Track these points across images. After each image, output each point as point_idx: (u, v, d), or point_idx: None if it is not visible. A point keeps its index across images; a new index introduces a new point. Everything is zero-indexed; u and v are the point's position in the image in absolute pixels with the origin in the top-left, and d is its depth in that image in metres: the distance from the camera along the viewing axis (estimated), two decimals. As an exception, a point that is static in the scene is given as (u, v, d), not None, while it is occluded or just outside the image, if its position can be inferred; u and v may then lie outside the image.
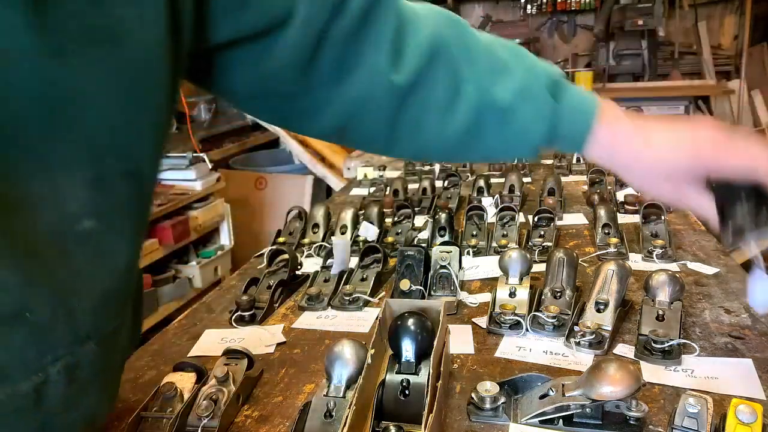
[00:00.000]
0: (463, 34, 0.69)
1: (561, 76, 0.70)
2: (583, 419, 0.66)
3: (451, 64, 0.67)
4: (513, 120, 0.68)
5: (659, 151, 0.67)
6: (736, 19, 4.91)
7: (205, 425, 0.67)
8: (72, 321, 0.50)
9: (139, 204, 0.55)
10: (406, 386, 0.66)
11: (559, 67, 4.54)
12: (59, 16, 0.43)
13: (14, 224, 0.44)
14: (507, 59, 0.69)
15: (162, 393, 0.72)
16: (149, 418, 0.70)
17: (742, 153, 0.64)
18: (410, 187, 1.74)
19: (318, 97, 0.68)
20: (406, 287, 1.00)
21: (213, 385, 0.72)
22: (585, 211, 1.49)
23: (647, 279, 0.90)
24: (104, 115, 0.48)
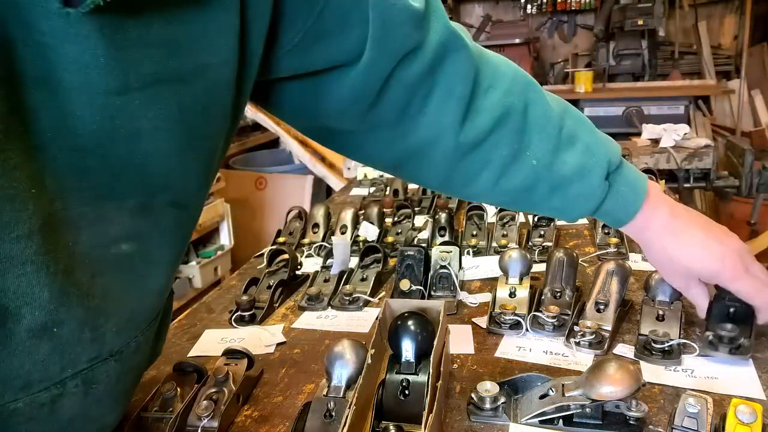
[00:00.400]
0: (536, 100, 0.70)
1: (618, 155, 0.73)
2: (583, 419, 0.66)
3: (519, 129, 0.68)
4: (565, 193, 0.71)
5: (686, 255, 0.76)
6: (736, 19, 4.91)
7: (205, 425, 0.67)
8: (97, 339, 0.51)
9: (179, 232, 0.56)
10: (406, 386, 0.66)
11: (559, 67, 4.51)
12: (134, 57, 0.42)
13: (56, 243, 0.45)
14: (573, 132, 0.71)
15: (162, 393, 0.72)
16: (149, 418, 0.70)
17: (756, 284, 0.74)
18: (410, 187, 1.74)
19: (378, 136, 0.69)
20: (406, 287, 1.00)
21: (213, 385, 0.72)
22: (585, 211, 1.49)
23: (647, 279, 0.90)
24: (159, 152, 0.48)
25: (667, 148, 2.26)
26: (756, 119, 4.74)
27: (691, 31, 4.95)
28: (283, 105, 0.66)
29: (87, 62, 0.40)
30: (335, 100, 0.64)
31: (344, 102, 0.64)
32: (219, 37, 0.48)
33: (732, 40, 4.95)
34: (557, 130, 0.70)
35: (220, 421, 0.68)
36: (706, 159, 2.26)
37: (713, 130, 4.49)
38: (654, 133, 2.37)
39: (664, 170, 2.26)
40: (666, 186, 1.62)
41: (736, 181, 2.58)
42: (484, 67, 0.68)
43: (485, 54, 0.70)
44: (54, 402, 0.50)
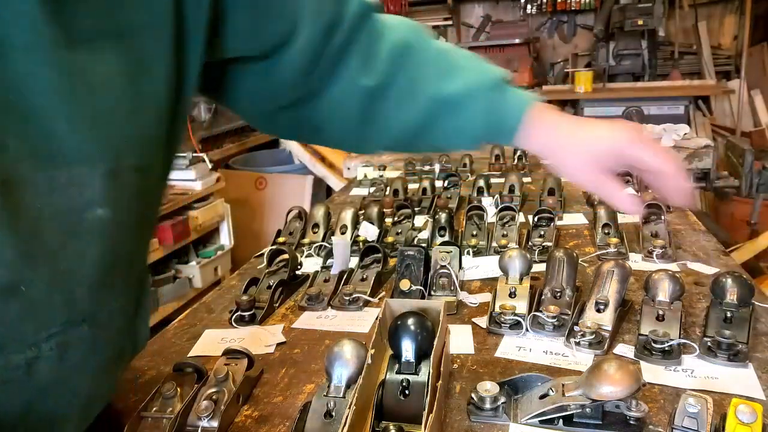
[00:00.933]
0: (422, 40, 0.79)
1: (504, 79, 0.77)
2: (583, 419, 0.66)
3: (411, 66, 0.77)
4: (459, 113, 0.76)
5: (583, 139, 0.76)
6: (736, 19, 4.91)
7: (205, 426, 0.67)
8: (69, 302, 0.54)
9: (148, 199, 0.60)
10: (406, 386, 0.66)
11: (559, 67, 4.51)
12: (75, 10, 0.48)
13: (20, 204, 0.47)
14: (459, 62, 0.78)
15: (162, 393, 0.72)
16: (149, 418, 0.69)
17: (648, 146, 0.73)
18: (410, 187, 1.74)
19: (308, 106, 0.78)
20: (406, 287, 1.00)
21: (213, 385, 0.72)
22: (585, 211, 1.49)
23: (647, 279, 0.90)
24: (115, 109, 0.52)
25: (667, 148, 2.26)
26: (756, 119, 4.74)
27: (691, 31, 4.95)
28: (237, 91, 0.75)
29: (31, 16, 0.45)
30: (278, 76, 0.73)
31: (287, 75, 0.73)
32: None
33: (732, 40, 4.95)
34: (445, 61, 0.78)
35: (220, 421, 0.68)
36: (706, 159, 2.26)
37: (713, 130, 4.50)
38: (654, 133, 2.37)
39: (664, 170, 2.26)
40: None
41: (736, 181, 2.59)
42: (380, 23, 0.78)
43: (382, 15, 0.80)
44: (29, 366, 0.52)
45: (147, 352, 0.91)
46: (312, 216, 1.42)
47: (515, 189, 1.59)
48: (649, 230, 1.23)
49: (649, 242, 1.18)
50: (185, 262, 2.99)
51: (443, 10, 5.37)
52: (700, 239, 1.26)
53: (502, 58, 5.01)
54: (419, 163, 2.02)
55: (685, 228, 1.34)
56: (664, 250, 1.15)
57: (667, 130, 2.36)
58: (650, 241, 1.18)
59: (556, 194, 1.51)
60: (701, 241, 1.25)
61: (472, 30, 5.51)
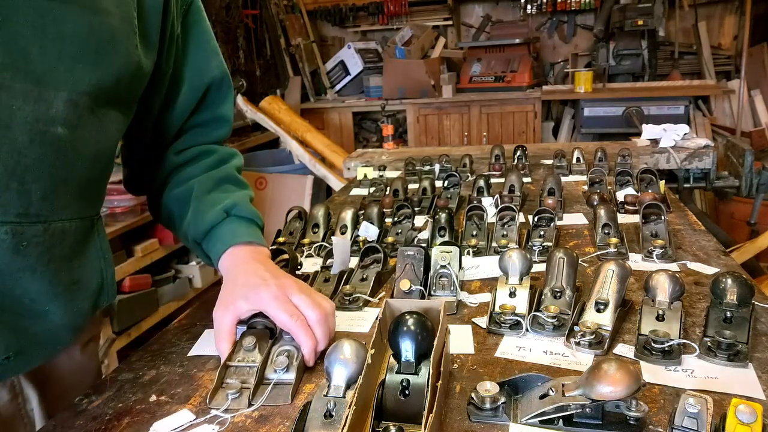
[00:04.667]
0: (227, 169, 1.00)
1: (243, 211, 0.94)
2: (583, 419, 0.66)
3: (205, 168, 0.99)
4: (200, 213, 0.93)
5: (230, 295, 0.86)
6: (736, 19, 4.91)
7: (281, 378, 0.77)
8: (24, 194, 0.68)
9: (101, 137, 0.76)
10: (406, 386, 0.66)
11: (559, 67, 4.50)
12: None
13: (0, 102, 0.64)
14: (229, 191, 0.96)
15: (243, 345, 0.80)
16: (234, 366, 0.78)
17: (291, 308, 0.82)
18: (410, 187, 1.74)
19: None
20: (406, 287, 1.00)
21: (286, 343, 0.81)
22: (585, 211, 1.49)
23: (647, 279, 0.90)
24: (78, 56, 0.69)
25: (667, 148, 2.26)
26: (756, 119, 4.74)
27: (691, 31, 4.95)
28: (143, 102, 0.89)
29: None
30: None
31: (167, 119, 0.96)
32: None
33: (732, 40, 4.95)
34: (220, 183, 0.97)
35: (295, 373, 0.77)
36: (706, 159, 2.26)
37: (713, 130, 4.50)
38: (654, 133, 2.37)
39: (664, 170, 2.25)
40: (666, 186, 1.62)
41: (736, 181, 2.58)
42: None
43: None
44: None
45: (147, 352, 0.91)
46: (312, 216, 1.42)
47: (515, 189, 1.59)
48: (649, 230, 1.23)
49: (649, 242, 1.18)
50: (185, 262, 3.00)
51: (443, 10, 5.38)
52: (700, 239, 1.26)
53: (502, 58, 5.02)
54: (419, 163, 2.03)
55: (685, 228, 1.34)
56: (664, 250, 1.15)
57: (667, 130, 2.36)
58: (650, 241, 1.18)
59: (556, 194, 1.51)
60: (701, 241, 1.25)
61: (472, 30, 5.52)
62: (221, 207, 0.92)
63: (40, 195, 0.70)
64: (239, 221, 0.93)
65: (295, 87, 5.09)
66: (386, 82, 4.95)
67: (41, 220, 0.71)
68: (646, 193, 1.47)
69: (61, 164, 0.71)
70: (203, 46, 0.94)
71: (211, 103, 0.98)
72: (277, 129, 4.06)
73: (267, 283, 0.83)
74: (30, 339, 0.76)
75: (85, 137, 0.73)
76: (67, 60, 0.68)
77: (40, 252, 0.72)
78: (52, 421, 0.76)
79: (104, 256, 0.85)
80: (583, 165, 1.92)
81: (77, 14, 0.69)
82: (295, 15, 5.39)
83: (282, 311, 0.81)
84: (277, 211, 3.72)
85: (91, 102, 0.72)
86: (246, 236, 0.92)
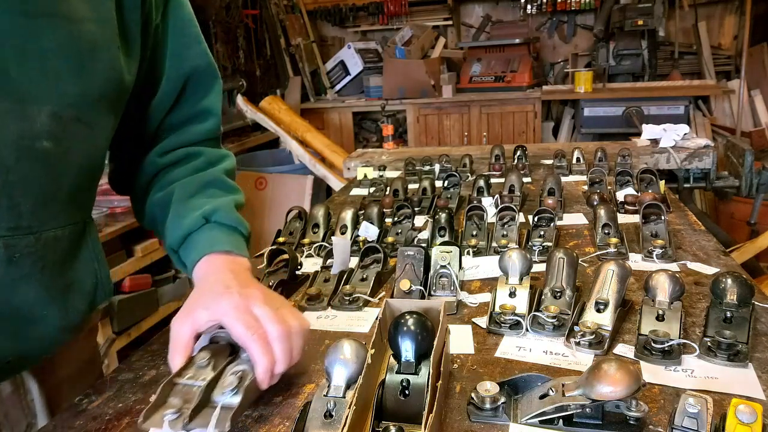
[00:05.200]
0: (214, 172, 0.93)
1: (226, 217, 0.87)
2: (583, 419, 0.66)
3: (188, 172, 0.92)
4: (180, 220, 0.86)
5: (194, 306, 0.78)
6: (736, 19, 4.91)
7: (227, 401, 0.68)
8: (14, 208, 0.68)
9: (87, 145, 0.75)
10: (406, 386, 0.66)
11: (559, 67, 4.49)
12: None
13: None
14: (213, 196, 0.89)
15: (195, 362, 0.72)
16: (181, 384, 0.70)
17: (250, 321, 0.74)
18: (410, 187, 1.74)
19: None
20: (406, 287, 1.00)
21: (241, 362, 0.73)
22: (585, 211, 1.49)
23: (647, 279, 0.90)
24: (60, 70, 0.68)
25: (667, 148, 2.26)
26: (756, 119, 4.74)
27: (691, 31, 4.95)
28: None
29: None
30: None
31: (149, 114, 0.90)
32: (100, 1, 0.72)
33: (732, 40, 4.95)
34: (205, 187, 0.90)
35: (242, 398, 0.68)
36: (706, 159, 2.26)
37: (713, 130, 4.50)
38: (654, 133, 2.37)
39: (664, 170, 2.25)
40: (666, 186, 1.62)
41: (736, 181, 2.58)
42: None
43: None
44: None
45: (147, 352, 0.91)
46: (312, 216, 1.42)
47: (515, 189, 1.59)
48: (649, 230, 1.23)
49: (649, 242, 1.18)
50: (185, 262, 2.98)
51: (443, 10, 5.37)
52: (700, 239, 1.26)
53: (502, 58, 5.02)
54: (419, 163, 2.03)
55: (685, 228, 1.34)
56: (664, 250, 1.15)
57: (667, 130, 2.35)
58: (650, 241, 1.18)
59: (556, 194, 1.51)
60: (701, 241, 1.25)
61: (472, 30, 5.52)
62: (201, 213, 0.85)
63: (30, 208, 0.70)
64: (219, 228, 0.85)
65: (295, 87, 5.09)
66: (386, 82, 4.95)
67: (32, 232, 0.71)
68: (646, 193, 1.47)
69: (49, 177, 0.71)
70: (182, 33, 0.88)
71: (193, 94, 0.91)
72: (277, 129, 4.06)
73: (230, 291, 0.76)
74: (29, 342, 0.76)
75: (71, 148, 0.73)
76: (49, 75, 0.67)
77: (34, 261, 0.72)
78: (52, 421, 0.76)
79: (97, 257, 0.85)
80: (583, 165, 1.92)
81: (56, 27, 0.67)
82: (295, 15, 5.39)
83: (239, 322, 0.72)
84: (277, 211, 3.72)
85: (76, 112, 0.71)
86: (224, 245, 0.84)
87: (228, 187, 0.93)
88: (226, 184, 0.93)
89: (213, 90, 0.93)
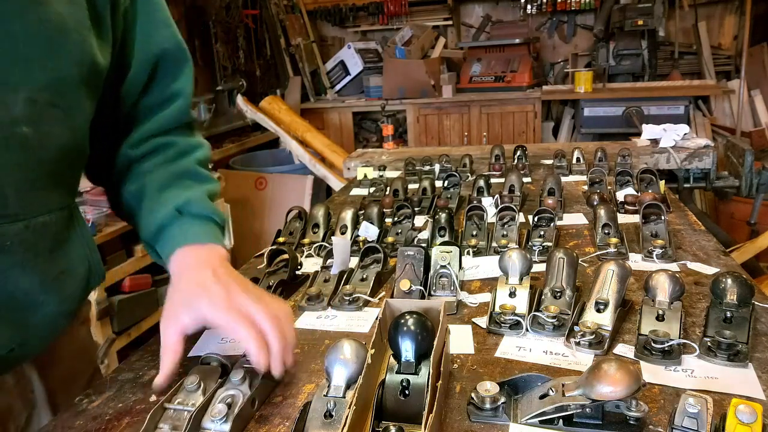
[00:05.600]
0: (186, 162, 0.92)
1: (199, 208, 0.87)
2: (583, 419, 0.66)
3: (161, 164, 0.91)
4: (154, 207, 0.87)
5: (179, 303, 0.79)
6: (736, 19, 4.91)
7: (217, 429, 0.67)
8: (2, 198, 0.68)
9: (63, 131, 0.74)
10: (406, 386, 0.66)
11: (559, 67, 4.49)
12: None
13: None
14: (186, 187, 0.89)
15: (185, 386, 0.72)
16: (171, 409, 0.70)
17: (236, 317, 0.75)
18: (410, 187, 1.74)
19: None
20: (406, 287, 1.00)
21: (230, 387, 0.72)
22: (585, 211, 1.49)
23: (647, 279, 0.90)
24: (32, 53, 0.68)
25: (667, 148, 2.26)
26: (756, 119, 4.74)
27: (691, 31, 4.95)
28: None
29: None
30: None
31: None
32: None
33: (732, 40, 4.95)
34: (177, 178, 0.89)
35: (231, 426, 0.68)
36: (706, 159, 2.26)
37: (713, 130, 4.50)
38: (654, 133, 2.37)
39: (664, 170, 2.25)
40: (666, 186, 1.62)
41: (736, 181, 2.58)
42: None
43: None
44: None
45: (147, 352, 0.91)
46: (312, 216, 1.42)
47: (515, 189, 1.59)
48: (649, 230, 1.23)
49: (649, 242, 1.18)
50: (185, 262, 2.98)
51: (443, 10, 5.37)
52: (700, 239, 1.26)
53: (502, 58, 5.02)
54: (419, 163, 2.03)
55: (685, 228, 1.34)
56: (664, 250, 1.15)
57: (667, 130, 2.36)
58: (650, 241, 1.18)
59: (556, 194, 1.51)
60: (701, 241, 1.25)
61: (472, 30, 5.52)
62: (174, 205, 0.85)
63: (16, 195, 0.70)
64: (193, 220, 0.85)
65: (295, 87, 5.09)
66: (386, 82, 4.95)
67: (20, 219, 0.71)
68: (646, 193, 1.47)
69: (32, 162, 0.71)
70: (151, 16, 0.86)
71: (163, 78, 0.89)
72: (277, 129, 4.06)
73: (207, 289, 0.77)
74: (30, 330, 0.77)
75: (51, 132, 0.72)
76: (20, 59, 0.67)
77: (26, 248, 0.72)
78: (52, 421, 0.76)
79: (88, 243, 0.85)
80: (583, 165, 1.92)
81: (23, 9, 0.66)
82: (295, 15, 5.39)
83: (221, 312, 0.74)
84: (277, 211, 3.72)
85: (50, 97, 0.71)
86: (198, 236, 0.84)
87: (201, 178, 0.92)
88: (199, 175, 0.92)
89: (183, 73, 0.91)
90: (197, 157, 0.94)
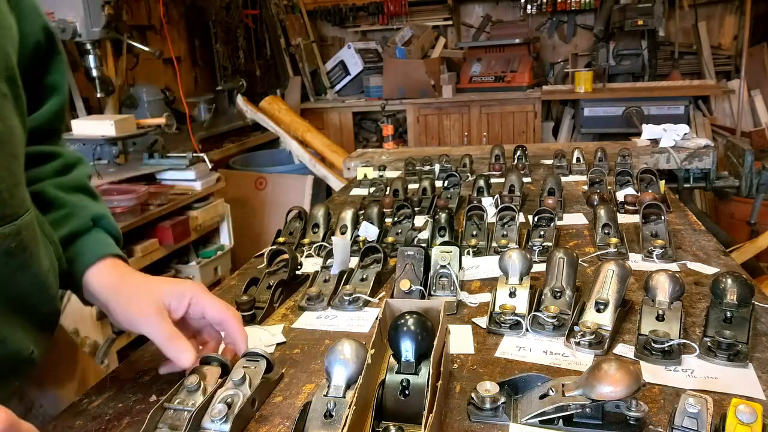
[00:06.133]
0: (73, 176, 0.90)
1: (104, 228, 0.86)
2: (583, 419, 0.66)
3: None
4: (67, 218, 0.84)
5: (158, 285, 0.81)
6: (736, 19, 4.91)
7: (216, 429, 0.67)
8: (1, 199, 0.67)
9: (20, 126, 0.73)
10: (406, 386, 0.66)
11: (559, 67, 4.50)
12: None
13: None
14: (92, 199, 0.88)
15: (185, 386, 0.72)
16: (172, 409, 0.70)
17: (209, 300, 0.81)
18: (410, 187, 1.74)
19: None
20: (406, 287, 1.00)
21: (230, 387, 0.72)
22: (585, 211, 1.49)
23: (647, 279, 0.90)
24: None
25: (667, 148, 2.26)
26: (756, 119, 4.74)
27: (691, 31, 4.95)
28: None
29: None
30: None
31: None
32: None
33: (732, 40, 4.95)
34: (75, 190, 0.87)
35: (231, 426, 0.68)
36: (706, 159, 2.26)
37: (713, 130, 4.50)
38: (654, 133, 2.37)
39: (664, 170, 2.25)
40: (666, 186, 1.62)
41: (736, 181, 2.58)
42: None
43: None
44: None
45: (147, 352, 0.91)
46: (312, 216, 1.42)
47: (515, 189, 1.59)
48: (649, 230, 1.23)
49: (649, 242, 1.18)
50: (185, 262, 2.99)
51: (443, 10, 5.37)
52: (700, 239, 1.26)
53: (502, 58, 5.02)
54: (419, 163, 2.03)
55: (685, 228, 1.34)
56: (664, 250, 1.15)
57: (667, 130, 2.35)
58: (650, 241, 1.18)
59: (556, 194, 1.51)
60: (701, 241, 1.25)
61: (472, 30, 5.52)
62: (88, 214, 0.84)
63: (7, 195, 0.70)
64: (106, 234, 0.85)
65: (295, 87, 5.09)
66: (386, 82, 4.95)
67: (14, 219, 0.71)
68: (646, 193, 1.47)
69: (9, 158, 0.71)
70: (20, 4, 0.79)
71: (34, 73, 0.83)
72: (277, 129, 4.06)
73: (178, 280, 0.80)
74: (38, 329, 0.77)
75: (14, 126, 0.72)
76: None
77: (23, 249, 0.72)
78: (52, 421, 0.76)
79: (52, 238, 0.82)
80: (583, 165, 1.92)
81: None
82: (295, 15, 5.39)
83: (214, 300, 0.79)
84: (277, 211, 3.72)
85: (8, 87, 0.70)
86: (117, 250, 0.85)
87: (95, 195, 0.91)
88: (91, 191, 0.90)
89: (55, 64, 0.86)
90: (86, 172, 0.92)
